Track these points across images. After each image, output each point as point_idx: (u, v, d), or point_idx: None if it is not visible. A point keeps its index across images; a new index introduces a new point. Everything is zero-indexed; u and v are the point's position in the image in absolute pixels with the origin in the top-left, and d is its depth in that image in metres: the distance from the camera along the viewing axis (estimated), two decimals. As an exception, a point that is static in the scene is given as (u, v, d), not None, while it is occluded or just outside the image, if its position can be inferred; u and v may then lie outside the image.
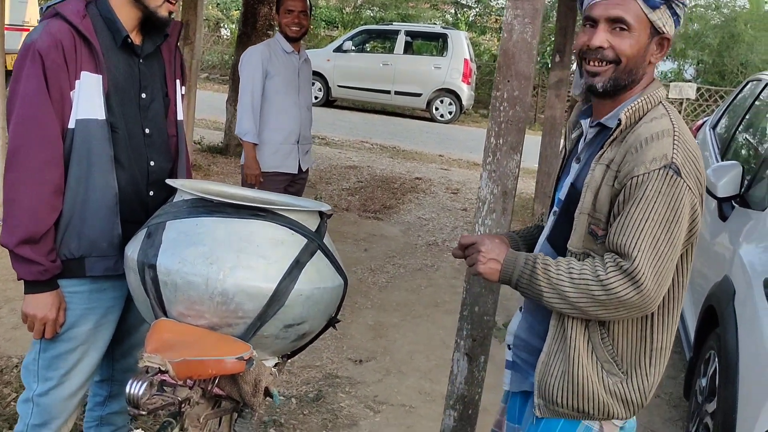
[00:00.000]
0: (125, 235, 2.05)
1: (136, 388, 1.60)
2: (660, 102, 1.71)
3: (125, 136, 2.07)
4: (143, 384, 1.61)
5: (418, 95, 14.92)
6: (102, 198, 2.02)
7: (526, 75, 2.29)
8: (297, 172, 4.17)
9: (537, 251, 1.87)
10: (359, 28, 16.84)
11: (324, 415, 3.32)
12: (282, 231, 1.89)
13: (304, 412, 3.32)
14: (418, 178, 9.05)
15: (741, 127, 4.49)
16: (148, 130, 2.15)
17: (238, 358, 1.76)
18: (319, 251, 1.94)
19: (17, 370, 3.31)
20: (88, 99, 1.98)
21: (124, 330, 2.27)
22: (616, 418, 1.73)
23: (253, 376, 1.84)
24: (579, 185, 1.73)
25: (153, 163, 2.16)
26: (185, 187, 1.96)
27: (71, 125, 1.97)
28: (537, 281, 1.66)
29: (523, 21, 2.26)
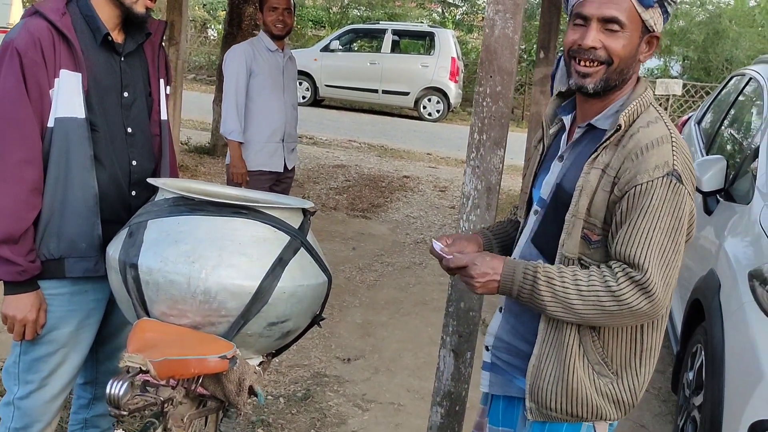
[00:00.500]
0: (108, 235, 2.02)
1: (116, 388, 1.58)
2: (650, 104, 1.69)
3: (106, 135, 2.05)
4: (124, 384, 1.59)
5: (406, 94, 14.91)
6: (81, 198, 2.00)
7: (508, 70, 2.28)
8: (282, 171, 4.15)
9: (518, 252, 1.83)
10: (346, 28, 16.82)
11: (312, 414, 3.31)
12: (264, 228, 1.88)
13: (293, 412, 3.31)
14: (406, 177, 9.05)
15: (725, 121, 4.50)
16: (130, 130, 2.12)
17: (221, 357, 1.75)
18: (302, 248, 1.93)
19: (-1, 373, 3.28)
20: (67, 97, 1.95)
21: (107, 332, 2.25)
22: (608, 419, 1.71)
23: (237, 375, 1.83)
24: (568, 186, 1.70)
25: (135, 162, 2.14)
26: (167, 186, 1.95)
27: (50, 124, 1.95)
28: (539, 294, 1.62)
29: (504, 16, 2.26)
